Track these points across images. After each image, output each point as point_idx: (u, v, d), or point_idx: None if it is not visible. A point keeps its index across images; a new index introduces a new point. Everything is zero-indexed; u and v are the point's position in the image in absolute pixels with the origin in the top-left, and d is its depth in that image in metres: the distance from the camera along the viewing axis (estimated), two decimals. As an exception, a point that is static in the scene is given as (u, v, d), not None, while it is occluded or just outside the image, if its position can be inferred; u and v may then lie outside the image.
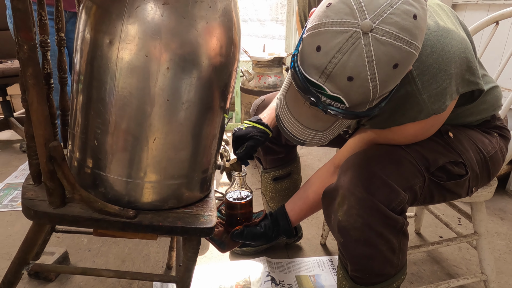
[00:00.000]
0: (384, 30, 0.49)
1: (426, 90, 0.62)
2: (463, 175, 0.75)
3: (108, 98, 0.64)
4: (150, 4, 0.60)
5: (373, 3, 0.50)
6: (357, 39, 0.49)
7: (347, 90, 0.52)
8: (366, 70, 0.50)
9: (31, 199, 0.68)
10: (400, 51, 0.50)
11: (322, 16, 0.53)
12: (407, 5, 0.50)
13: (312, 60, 0.54)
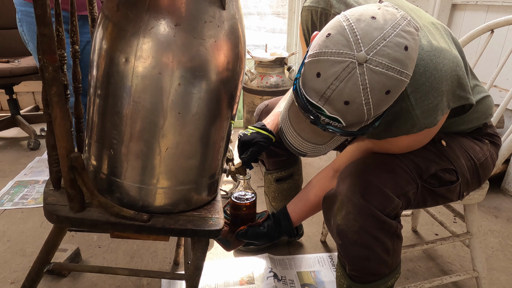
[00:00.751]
0: (377, 61, 0.54)
1: (419, 106, 0.67)
2: (454, 181, 0.80)
3: (123, 111, 0.69)
4: (163, 26, 0.64)
5: (368, 36, 0.55)
6: (353, 69, 0.55)
7: (344, 112, 0.58)
8: (361, 96, 0.56)
9: (53, 204, 0.73)
10: (392, 79, 0.56)
11: (322, 45, 0.57)
12: (399, 38, 0.55)
13: (313, 84, 0.59)
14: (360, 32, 0.55)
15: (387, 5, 0.59)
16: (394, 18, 0.56)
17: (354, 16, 0.57)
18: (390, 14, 0.57)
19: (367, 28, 0.55)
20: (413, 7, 0.79)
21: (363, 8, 0.58)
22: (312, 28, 0.87)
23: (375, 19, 0.55)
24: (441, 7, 2.40)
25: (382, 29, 0.55)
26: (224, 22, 0.69)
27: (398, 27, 0.55)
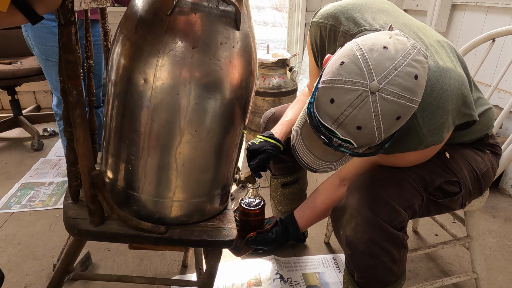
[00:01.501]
0: (389, 90, 0.57)
1: (426, 124, 0.70)
2: (457, 193, 0.84)
3: (142, 129, 0.71)
4: (181, 48, 0.66)
5: (380, 66, 0.57)
6: (366, 97, 0.58)
7: (356, 136, 0.61)
8: (373, 122, 0.58)
9: (73, 218, 0.76)
10: (402, 107, 0.58)
11: (336, 73, 0.60)
12: (409, 67, 0.58)
13: (326, 109, 0.62)
14: (372, 62, 0.58)
15: (397, 33, 0.62)
16: (405, 48, 0.59)
17: (367, 46, 0.59)
18: (401, 44, 0.59)
19: (380, 58, 0.58)
20: (420, 25, 0.81)
21: (375, 37, 0.61)
22: (320, 43, 0.89)
23: (387, 49, 0.58)
24: (441, 7, 2.42)
25: (393, 59, 0.58)
26: (238, 42, 0.71)
27: (409, 57, 0.58)
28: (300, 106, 1.08)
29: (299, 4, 2.89)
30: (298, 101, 1.10)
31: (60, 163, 2.17)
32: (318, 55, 0.92)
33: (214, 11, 0.68)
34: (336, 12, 0.84)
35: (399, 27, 0.76)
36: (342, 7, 0.84)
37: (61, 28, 0.56)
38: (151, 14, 0.67)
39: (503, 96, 1.98)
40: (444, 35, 2.53)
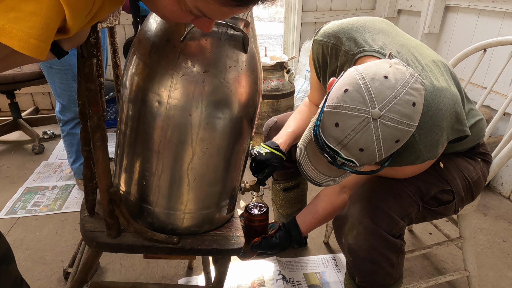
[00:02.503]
0: (389, 117, 0.63)
1: (422, 141, 0.75)
2: (450, 201, 0.90)
3: (155, 147, 0.76)
4: (193, 73, 0.70)
5: (381, 94, 0.62)
6: (368, 123, 0.63)
7: (359, 156, 0.66)
8: (374, 145, 0.64)
9: (91, 231, 0.80)
10: (401, 131, 0.64)
11: (340, 99, 0.65)
12: (408, 96, 0.63)
13: (331, 132, 0.67)
14: (374, 91, 0.63)
15: (397, 62, 0.67)
16: (404, 77, 0.64)
17: (369, 75, 0.64)
18: (400, 73, 0.64)
19: (381, 87, 0.63)
20: (417, 45, 0.86)
21: (376, 66, 0.66)
22: (322, 60, 0.94)
23: (387, 78, 0.63)
24: (435, 9, 2.47)
25: (393, 88, 0.63)
26: (245, 64, 0.76)
27: (407, 86, 0.63)
28: (301, 116, 1.13)
29: (295, 4, 2.92)
30: (299, 111, 1.15)
31: (62, 166, 2.20)
32: (320, 71, 0.97)
33: (223, 36, 0.72)
34: (338, 31, 0.89)
35: (397, 48, 0.81)
36: (343, 26, 0.89)
37: (83, 60, 0.60)
38: (164, 40, 0.71)
39: (494, 97, 2.04)
40: (438, 36, 2.59)
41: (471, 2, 2.22)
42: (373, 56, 0.80)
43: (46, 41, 0.41)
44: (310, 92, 1.15)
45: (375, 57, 0.80)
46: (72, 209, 1.77)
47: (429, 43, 2.61)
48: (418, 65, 0.79)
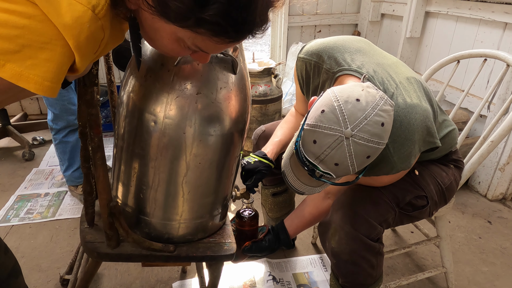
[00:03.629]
0: (360, 136, 0.70)
1: (396, 153, 0.83)
2: (424, 205, 0.98)
3: (152, 163, 0.81)
4: (187, 95, 0.76)
5: (353, 116, 0.70)
6: (341, 141, 0.70)
7: (335, 170, 0.74)
8: (347, 160, 0.71)
9: (92, 242, 0.85)
10: (371, 148, 0.72)
11: (318, 119, 0.73)
12: (377, 117, 0.70)
13: (310, 148, 0.74)
14: (347, 112, 0.70)
15: (369, 85, 0.74)
16: (374, 100, 0.71)
17: (343, 98, 0.71)
18: (371, 96, 0.71)
19: (353, 109, 0.70)
20: (392, 63, 0.93)
21: (350, 89, 0.73)
22: (306, 76, 1.01)
23: (359, 101, 0.70)
24: (416, 14, 2.57)
25: (364, 110, 0.70)
26: (235, 84, 0.81)
27: (377, 108, 0.70)
28: (287, 126, 1.19)
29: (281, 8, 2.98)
30: (286, 121, 1.21)
31: (53, 173, 2.22)
32: (304, 86, 1.04)
33: (214, 60, 0.78)
34: (320, 50, 0.95)
35: (373, 67, 0.88)
36: (324, 46, 0.95)
37: (85, 88, 0.65)
38: (159, 64, 0.76)
39: (471, 100, 2.15)
40: (419, 40, 2.69)
41: (449, 9, 2.32)
42: (352, 75, 0.88)
43: (58, 82, 0.46)
44: (296, 103, 1.22)
45: (353, 76, 0.87)
46: (66, 216, 1.80)
47: (411, 47, 2.71)
48: (392, 83, 0.86)
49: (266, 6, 0.52)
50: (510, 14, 1.88)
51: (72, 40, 0.44)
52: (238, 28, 0.51)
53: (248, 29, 0.52)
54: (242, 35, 0.53)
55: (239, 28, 0.51)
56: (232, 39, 0.53)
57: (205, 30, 0.50)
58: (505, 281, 1.45)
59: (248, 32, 0.52)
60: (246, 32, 0.52)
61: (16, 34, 0.41)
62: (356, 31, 3.40)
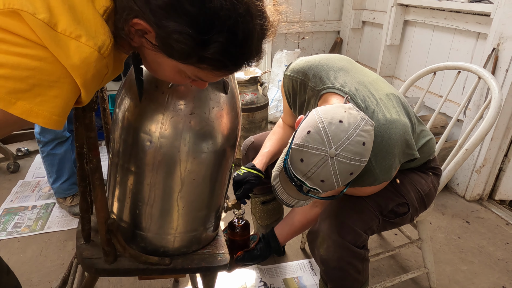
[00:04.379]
0: (343, 155, 0.75)
1: (378, 166, 0.89)
2: (406, 212, 1.04)
3: (148, 181, 0.84)
4: (181, 115, 0.79)
5: (336, 136, 0.75)
6: (326, 160, 0.76)
7: (321, 186, 0.79)
8: (332, 177, 0.77)
9: (89, 258, 0.87)
10: (354, 166, 0.77)
11: (304, 139, 0.78)
12: (359, 137, 0.76)
13: (298, 166, 0.79)
14: (331, 133, 0.75)
15: (351, 107, 0.79)
16: (356, 121, 0.77)
17: (327, 120, 0.77)
18: (353, 117, 0.77)
19: (336, 130, 0.76)
20: (372, 80, 0.99)
21: (334, 111, 0.79)
22: (292, 92, 1.06)
23: (342, 122, 0.76)
24: (395, 22, 2.67)
25: (347, 131, 0.75)
26: (226, 103, 0.86)
27: (358, 128, 0.76)
28: (276, 137, 1.24)
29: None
30: (274, 133, 1.26)
31: (40, 184, 2.20)
32: (291, 101, 1.09)
33: (206, 80, 0.82)
34: (305, 68, 1.01)
35: (355, 85, 0.94)
36: (310, 64, 1.01)
37: (84, 113, 0.67)
38: (154, 86, 0.80)
39: (449, 105, 2.25)
40: (399, 48, 2.79)
41: (426, 18, 2.42)
42: (335, 93, 0.93)
43: (65, 115, 0.50)
44: (283, 115, 1.27)
45: (336, 94, 0.93)
46: (55, 228, 1.80)
47: (391, 54, 2.81)
48: (373, 100, 0.92)
49: (260, 39, 0.56)
50: (482, 24, 1.99)
51: (80, 79, 0.47)
52: (236, 62, 0.55)
53: (245, 61, 0.57)
54: (239, 67, 0.57)
55: (237, 62, 0.55)
56: (231, 70, 0.57)
57: (206, 66, 0.54)
58: (482, 278, 1.54)
59: (245, 63, 0.57)
60: (244, 64, 0.57)
61: (28, 75, 0.44)
62: (338, 37, 3.49)
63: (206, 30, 0.49)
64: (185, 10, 0.48)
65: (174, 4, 0.47)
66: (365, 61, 3.33)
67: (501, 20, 1.76)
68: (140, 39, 0.53)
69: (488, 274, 1.56)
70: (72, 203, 1.89)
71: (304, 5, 3.33)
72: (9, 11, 0.42)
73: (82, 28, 0.46)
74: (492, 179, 2.06)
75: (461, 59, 2.23)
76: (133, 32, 0.52)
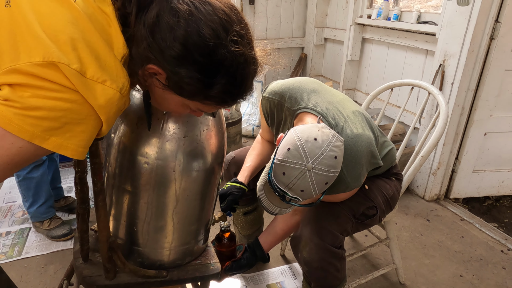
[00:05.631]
0: (319, 167, 0.88)
1: (349, 175, 1.02)
2: (374, 214, 1.19)
3: (144, 199, 0.91)
4: (175, 138, 0.88)
5: (312, 152, 0.88)
6: (305, 173, 0.88)
7: (301, 195, 0.91)
8: (310, 187, 0.89)
9: (89, 276, 0.92)
10: (328, 177, 0.90)
11: (285, 155, 0.89)
12: (331, 152, 0.88)
13: (280, 179, 0.91)
14: (307, 150, 0.88)
15: (323, 126, 0.93)
16: (328, 138, 0.90)
17: (304, 138, 0.89)
18: (326, 135, 0.90)
19: (312, 147, 0.88)
20: (340, 99, 1.13)
21: (309, 130, 0.91)
22: (270, 112, 1.18)
23: (316, 140, 0.88)
24: (354, 40, 2.90)
25: (320, 147, 0.88)
26: (215, 125, 0.95)
27: (330, 144, 0.89)
28: (255, 152, 1.35)
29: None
30: (254, 148, 1.37)
31: (12, 209, 2.15)
32: (269, 120, 1.21)
33: (196, 106, 0.91)
34: (281, 91, 1.14)
35: (326, 105, 1.07)
36: (285, 87, 1.14)
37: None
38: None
39: (406, 115, 2.48)
40: (359, 63, 3.02)
41: (381, 36, 2.67)
42: (309, 113, 1.06)
43: (88, 147, 0.57)
44: (261, 132, 1.38)
45: (310, 113, 1.06)
46: (33, 253, 1.77)
47: (352, 69, 3.04)
48: (342, 117, 1.06)
49: (252, 79, 0.68)
50: (429, 43, 2.24)
51: (104, 116, 0.55)
52: (235, 98, 0.66)
53: (241, 98, 0.67)
54: (236, 102, 0.68)
55: (236, 98, 0.66)
56: (229, 105, 0.68)
57: (210, 102, 0.64)
58: (443, 270, 1.72)
59: (241, 99, 0.68)
60: (240, 99, 0.68)
61: (61, 115, 0.52)
62: (303, 53, 3.70)
63: (212, 75, 0.59)
64: (195, 60, 0.57)
65: (186, 55, 0.57)
66: (328, 75, 3.55)
67: (445, 40, 2.01)
68: (151, 79, 0.62)
69: (448, 266, 1.75)
70: (50, 227, 1.87)
71: (270, 23, 3.51)
72: (48, 63, 0.49)
73: (106, 74, 0.54)
74: (446, 180, 2.29)
75: (414, 73, 2.47)
76: (146, 74, 0.61)
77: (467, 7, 1.84)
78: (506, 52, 1.91)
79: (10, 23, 0.50)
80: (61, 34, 0.51)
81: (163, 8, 0.56)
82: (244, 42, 0.62)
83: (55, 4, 0.52)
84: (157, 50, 0.57)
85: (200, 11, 0.57)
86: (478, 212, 2.25)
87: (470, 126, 2.11)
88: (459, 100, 2.03)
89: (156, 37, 0.56)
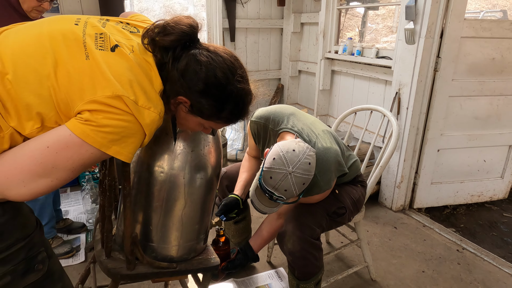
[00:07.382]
0: (297, 171, 1.14)
1: (322, 180, 1.28)
2: (344, 213, 1.45)
3: (159, 203, 1.13)
4: (184, 152, 1.12)
5: (292, 160, 1.14)
6: (287, 176, 1.14)
7: (285, 194, 1.16)
8: (291, 187, 1.14)
9: (114, 268, 1.12)
10: (305, 179, 1.16)
11: (271, 164, 1.15)
12: (306, 159, 1.15)
13: (268, 181, 1.16)
14: (288, 158, 1.14)
15: (300, 141, 1.20)
16: (303, 149, 1.17)
17: (285, 149, 1.16)
18: (301, 147, 1.17)
19: (291, 156, 1.14)
20: (312, 121, 1.42)
21: (289, 144, 1.18)
22: (257, 133, 1.46)
23: (295, 151, 1.15)
24: (325, 72, 3.27)
25: (298, 156, 1.15)
26: (214, 143, 1.21)
27: (305, 154, 1.16)
28: (245, 169, 1.60)
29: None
30: (243, 166, 1.63)
31: None
32: (256, 138, 1.49)
33: (201, 127, 1.17)
34: (266, 115, 1.42)
35: (301, 126, 1.36)
36: (269, 112, 1.42)
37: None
38: (164, 134, 1.12)
39: (369, 135, 2.81)
40: (330, 92, 3.38)
41: (348, 69, 3.05)
42: (289, 132, 1.34)
43: (134, 153, 0.81)
44: (249, 150, 1.64)
45: (289, 132, 1.34)
46: None
47: (324, 97, 3.39)
48: (314, 134, 1.34)
49: (249, 105, 0.94)
50: (387, 74, 2.62)
51: (148, 131, 0.80)
52: (238, 119, 0.93)
53: (241, 118, 0.94)
54: (238, 121, 0.95)
55: (238, 119, 0.93)
56: (233, 123, 0.95)
57: (220, 121, 0.90)
58: (408, 267, 1.98)
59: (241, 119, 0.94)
60: (240, 119, 0.94)
61: (120, 131, 0.76)
62: (280, 84, 4.06)
63: (223, 103, 0.86)
64: (212, 93, 0.84)
65: (206, 90, 0.83)
66: (303, 103, 3.91)
67: (398, 72, 2.39)
68: (179, 106, 0.88)
69: (412, 264, 2.01)
70: (52, 246, 2.01)
71: (249, 57, 3.87)
72: (115, 96, 0.74)
73: (151, 102, 0.79)
74: (409, 192, 2.60)
75: (376, 99, 2.84)
76: (176, 103, 0.87)
77: (413, 45, 2.23)
78: (448, 82, 2.30)
79: (90, 70, 0.75)
80: (123, 77, 0.76)
81: (190, 59, 0.83)
82: (244, 81, 0.89)
83: (118, 57, 0.78)
84: (186, 86, 0.83)
85: (215, 61, 0.84)
86: (438, 219, 2.55)
87: (425, 144, 2.46)
88: (414, 122, 2.38)
89: (186, 78, 0.83)
